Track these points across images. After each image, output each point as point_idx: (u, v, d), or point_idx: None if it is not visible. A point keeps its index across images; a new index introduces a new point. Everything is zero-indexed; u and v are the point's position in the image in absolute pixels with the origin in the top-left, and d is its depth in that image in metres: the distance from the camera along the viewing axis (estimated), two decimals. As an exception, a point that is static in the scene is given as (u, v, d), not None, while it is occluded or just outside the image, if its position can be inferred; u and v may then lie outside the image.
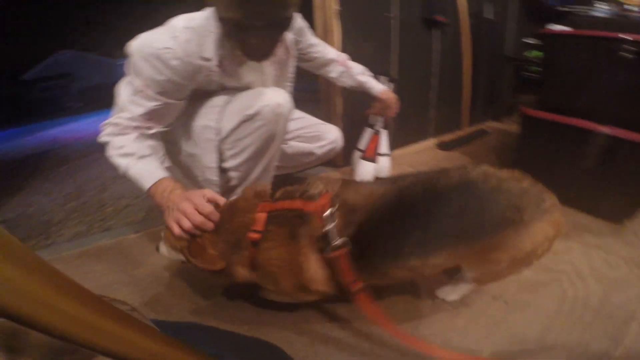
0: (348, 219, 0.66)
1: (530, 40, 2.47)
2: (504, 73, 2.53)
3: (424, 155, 2.09)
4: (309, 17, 1.34)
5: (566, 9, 2.21)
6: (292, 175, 1.52)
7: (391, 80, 1.38)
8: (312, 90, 2.11)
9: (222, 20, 0.78)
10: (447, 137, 2.29)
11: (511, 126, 2.41)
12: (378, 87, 1.27)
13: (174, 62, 0.82)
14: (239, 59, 0.95)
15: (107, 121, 0.86)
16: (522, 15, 2.43)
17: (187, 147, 1.01)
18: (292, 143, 1.25)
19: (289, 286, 0.71)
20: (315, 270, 0.67)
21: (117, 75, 0.90)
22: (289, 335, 0.83)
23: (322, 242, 0.65)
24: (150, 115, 0.85)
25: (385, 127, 1.40)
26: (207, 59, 0.86)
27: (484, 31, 2.19)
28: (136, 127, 0.85)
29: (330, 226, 0.64)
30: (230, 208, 0.75)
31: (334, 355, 0.78)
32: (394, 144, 1.99)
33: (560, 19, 2.09)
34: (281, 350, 0.68)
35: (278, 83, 1.10)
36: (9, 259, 0.18)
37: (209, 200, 0.74)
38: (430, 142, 2.23)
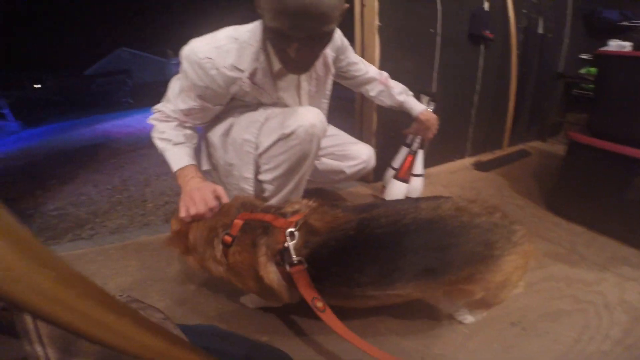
0: (306, 239, 0.69)
1: (586, 56, 2.31)
2: (552, 91, 2.38)
3: (459, 175, 2.01)
4: (349, 32, 1.35)
5: (626, 24, 2.04)
6: (323, 189, 1.54)
7: (433, 99, 1.33)
8: (347, 99, 2.12)
9: (267, 29, 0.82)
10: (486, 156, 2.19)
11: (555, 147, 2.27)
12: (418, 107, 1.24)
13: (213, 72, 0.88)
14: (275, 73, 0.98)
15: (156, 107, 0.98)
16: (578, 31, 2.28)
17: (226, 156, 1.06)
18: (324, 160, 1.26)
19: (255, 287, 0.77)
20: (272, 278, 0.71)
21: (167, 74, 1.00)
22: (301, 345, 0.87)
23: (280, 256, 0.69)
24: (189, 112, 0.96)
25: (421, 147, 1.36)
26: (241, 70, 0.92)
27: (534, 47, 2.08)
28: (176, 118, 0.96)
29: (289, 243, 0.67)
30: (220, 210, 0.81)
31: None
32: (429, 161, 1.95)
33: (619, 34, 1.94)
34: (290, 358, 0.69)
35: (315, 99, 1.12)
36: (23, 253, 0.20)
37: (216, 197, 0.82)
38: (467, 161, 2.15)
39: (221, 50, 0.89)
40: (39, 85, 7.89)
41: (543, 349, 0.83)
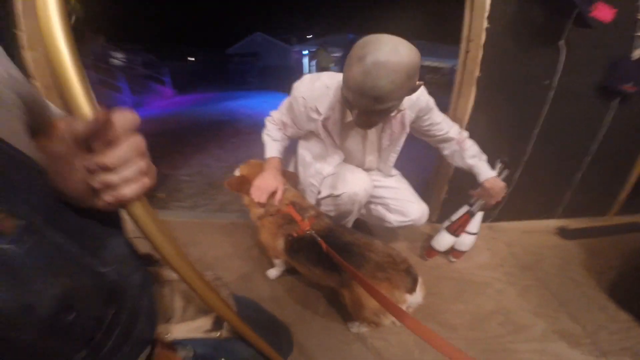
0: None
1: None
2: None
3: (533, 237, 1.84)
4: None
5: None
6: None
7: (505, 167, 1.32)
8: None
9: (342, 92, 1.00)
10: (580, 223, 1.95)
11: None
12: (485, 174, 1.24)
13: (302, 109, 1.14)
14: (345, 124, 1.18)
15: (271, 112, 1.30)
16: None
17: (302, 178, 1.37)
18: (377, 207, 1.38)
19: (272, 243, 1.17)
20: (279, 245, 1.14)
21: (289, 60, 1.34)
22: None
23: (287, 237, 1.11)
24: (284, 125, 1.26)
25: (482, 209, 1.37)
26: (320, 114, 1.11)
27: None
28: (279, 124, 1.27)
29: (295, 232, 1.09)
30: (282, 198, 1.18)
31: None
32: (506, 214, 1.90)
33: None
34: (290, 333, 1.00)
35: (386, 152, 1.28)
36: (168, 238, 0.40)
37: (273, 192, 1.15)
38: (552, 224, 1.95)
39: (313, 93, 1.11)
40: (192, 59, 9.65)
41: None
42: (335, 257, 0.91)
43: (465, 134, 1.30)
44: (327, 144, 1.21)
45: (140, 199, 0.33)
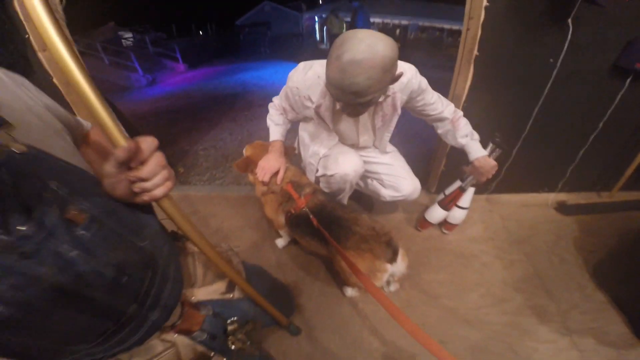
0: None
1: None
2: None
3: (530, 211, 1.89)
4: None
5: None
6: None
7: (497, 146, 1.36)
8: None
9: (325, 86, 1.05)
10: (581, 198, 1.98)
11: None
12: (476, 153, 1.29)
13: (296, 97, 1.23)
14: (336, 110, 1.26)
15: (274, 98, 1.40)
16: None
17: (303, 157, 1.50)
18: (373, 182, 1.51)
19: (275, 217, 1.34)
20: (280, 219, 1.30)
21: (300, 27, 1.43)
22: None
23: (287, 213, 1.26)
24: (284, 110, 1.36)
25: (473, 186, 1.45)
26: (312, 102, 1.20)
27: None
28: (279, 109, 1.37)
29: (292, 209, 1.25)
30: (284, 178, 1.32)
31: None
32: (505, 187, 1.92)
33: None
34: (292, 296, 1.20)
35: (380, 132, 1.36)
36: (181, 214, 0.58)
37: (276, 171, 1.29)
38: (552, 198, 1.98)
39: (306, 83, 1.18)
40: (202, 33, 9.56)
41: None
42: (324, 233, 1.05)
43: (460, 113, 1.34)
44: (322, 128, 1.32)
45: (168, 199, 0.50)
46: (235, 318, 0.77)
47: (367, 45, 0.85)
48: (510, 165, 1.81)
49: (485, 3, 1.32)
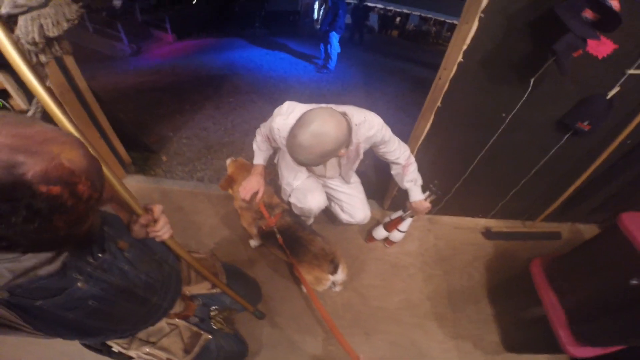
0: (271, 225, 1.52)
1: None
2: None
3: (459, 233, 2.22)
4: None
5: None
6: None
7: (432, 192, 1.65)
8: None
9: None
10: (508, 225, 2.29)
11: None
12: (414, 196, 1.58)
13: (276, 137, 1.38)
14: None
15: (262, 125, 1.54)
16: None
17: (280, 179, 1.76)
18: (335, 206, 1.79)
19: (249, 228, 1.61)
20: (253, 231, 1.58)
21: (296, 5, 1.66)
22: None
23: (258, 228, 1.54)
24: (268, 138, 1.51)
25: (412, 217, 1.76)
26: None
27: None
28: (263, 136, 1.53)
29: (264, 226, 1.53)
30: (256, 196, 1.55)
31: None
32: (446, 209, 2.20)
33: None
34: (260, 288, 1.52)
35: (345, 167, 1.62)
36: (177, 245, 0.94)
37: (255, 191, 1.52)
38: (482, 223, 2.30)
39: (285, 127, 1.29)
40: (195, 1, 9.13)
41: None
42: (286, 250, 1.39)
43: (412, 159, 1.54)
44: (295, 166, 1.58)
45: (170, 237, 0.82)
46: (217, 307, 1.10)
47: (317, 128, 1.04)
48: (455, 192, 2.07)
49: (459, 59, 1.38)
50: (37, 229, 0.40)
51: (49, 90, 0.59)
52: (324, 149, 1.07)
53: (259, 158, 1.60)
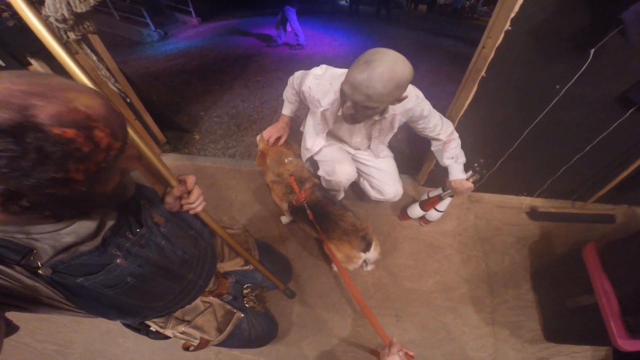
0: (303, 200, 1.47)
1: None
2: None
3: (502, 213, 2.07)
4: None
5: None
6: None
7: (478, 171, 1.54)
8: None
9: (341, 85, 1.12)
10: (557, 206, 2.13)
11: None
12: (454, 175, 1.49)
13: (307, 94, 1.37)
14: (338, 116, 1.38)
15: (296, 72, 1.51)
16: None
17: (303, 141, 1.69)
18: (363, 182, 1.72)
19: (280, 203, 1.57)
20: (284, 206, 1.53)
21: None
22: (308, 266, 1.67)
23: (289, 202, 1.49)
24: (296, 91, 1.52)
25: (451, 196, 1.64)
26: (320, 105, 1.34)
27: None
28: (295, 88, 1.52)
29: (294, 200, 1.48)
30: (285, 167, 1.53)
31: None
32: (489, 186, 2.07)
33: None
34: (291, 267, 1.52)
35: (374, 141, 1.54)
36: (212, 218, 0.93)
37: (281, 136, 1.60)
38: (527, 202, 2.14)
39: (319, 87, 1.31)
40: None
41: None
42: (316, 226, 1.34)
43: (455, 135, 1.47)
44: (320, 128, 1.50)
45: (204, 209, 0.79)
46: (249, 284, 1.09)
47: (392, 61, 1.01)
48: (497, 169, 1.91)
49: (507, 27, 1.29)
50: (53, 180, 0.38)
51: (82, 69, 0.57)
52: (395, 82, 1.03)
53: (287, 109, 1.64)
